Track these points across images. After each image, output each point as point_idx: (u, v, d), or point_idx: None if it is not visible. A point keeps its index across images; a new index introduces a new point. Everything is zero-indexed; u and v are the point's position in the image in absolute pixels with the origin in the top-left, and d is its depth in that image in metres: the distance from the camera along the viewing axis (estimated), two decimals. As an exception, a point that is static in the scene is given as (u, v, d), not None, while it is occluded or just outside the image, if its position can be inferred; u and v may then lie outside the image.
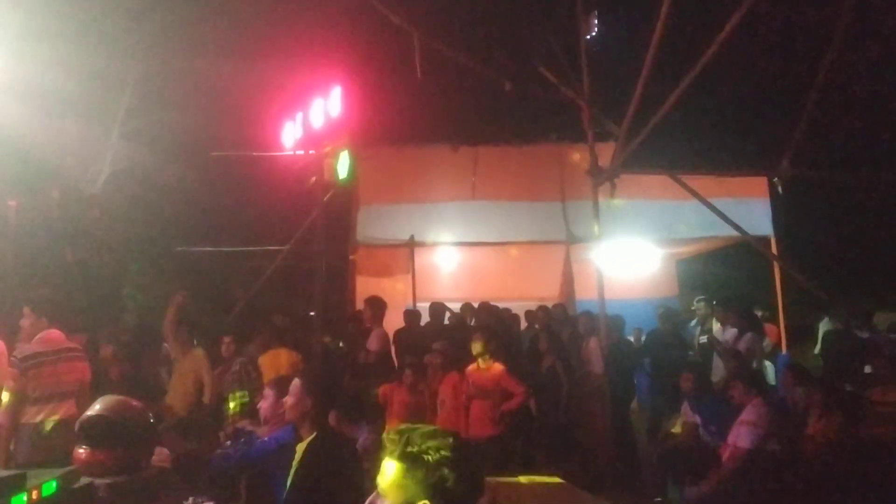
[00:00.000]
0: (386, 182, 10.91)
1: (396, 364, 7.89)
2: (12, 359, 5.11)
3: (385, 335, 8.11)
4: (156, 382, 7.62)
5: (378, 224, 10.73)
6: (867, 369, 7.14)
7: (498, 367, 6.67)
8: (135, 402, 3.14)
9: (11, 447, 5.02)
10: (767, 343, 9.99)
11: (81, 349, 5.54)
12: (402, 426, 2.40)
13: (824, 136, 7.23)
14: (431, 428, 2.41)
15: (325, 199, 8.73)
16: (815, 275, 8.28)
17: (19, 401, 5.03)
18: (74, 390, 5.28)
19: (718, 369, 8.03)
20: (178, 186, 10.98)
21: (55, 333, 5.35)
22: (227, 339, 7.65)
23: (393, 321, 8.85)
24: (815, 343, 10.21)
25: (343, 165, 7.38)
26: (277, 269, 10.66)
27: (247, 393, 6.79)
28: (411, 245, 10.55)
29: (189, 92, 10.39)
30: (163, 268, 12.37)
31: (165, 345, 7.68)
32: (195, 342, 7.32)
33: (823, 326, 10.23)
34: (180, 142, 10.08)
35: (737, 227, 7.70)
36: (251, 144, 10.95)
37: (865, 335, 8.66)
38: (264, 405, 4.49)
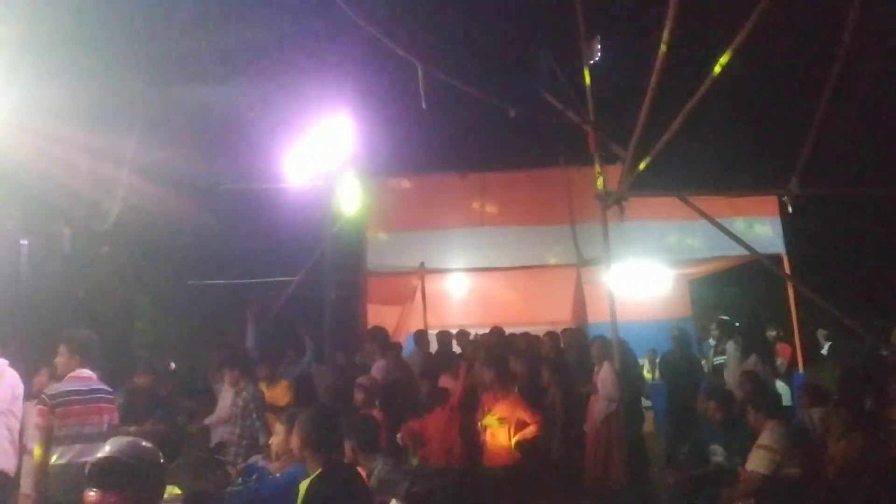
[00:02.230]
0: (394, 210, 10.95)
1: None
2: (42, 396, 5.10)
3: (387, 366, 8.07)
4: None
5: (387, 252, 10.73)
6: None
7: (512, 395, 6.60)
8: (145, 443, 3.12)
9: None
10: (781, 363, 9.89)
11: (111, 391, 5.49)
12: (408, 467, 2.37)
13: (833, 152, 7.17)
14: (438, 468, 2.39)
15: (335, 229, 8.77)
16: (829, 292, 8.17)
17: (48, 438, 5.00)
18: (102, 432, 5.12)
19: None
20: (188, 220, 11.06)
21: (87, 373, 5.31)
22: (235, 371, 7.65)
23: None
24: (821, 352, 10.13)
25: (351, 196, 7.43)
26: (288, 300, 10.68)
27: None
28: (421, 272, 10.54)
29: (198, 127, 10.50)
30: (174, 302, 12.42)
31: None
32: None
33: (822, 335, 10.13)
34: (190, 176, 10.16)
35: (748, 247, 7.63)
36: (260, 177, 11.04)
37: (884, 353, 8.52)
38: (276, 441, 4.45)
